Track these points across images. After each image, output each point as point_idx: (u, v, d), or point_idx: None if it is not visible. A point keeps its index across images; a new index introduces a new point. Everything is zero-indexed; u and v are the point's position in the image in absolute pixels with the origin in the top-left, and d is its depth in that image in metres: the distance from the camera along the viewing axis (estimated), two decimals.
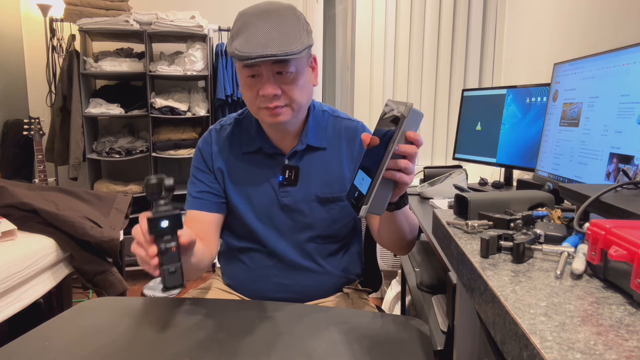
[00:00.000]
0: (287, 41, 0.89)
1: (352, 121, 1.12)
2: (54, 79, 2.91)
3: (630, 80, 0.92)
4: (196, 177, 1.09)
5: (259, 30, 0.89)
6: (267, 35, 0.89)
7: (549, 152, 1.22)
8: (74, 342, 0.78)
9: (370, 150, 0.79)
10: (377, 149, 0.75)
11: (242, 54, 0.87)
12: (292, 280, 1.07)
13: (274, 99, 0.93)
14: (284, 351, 0.75)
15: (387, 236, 1.00)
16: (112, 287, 1.92)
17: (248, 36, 0.89)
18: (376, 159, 0.74)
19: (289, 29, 0.91)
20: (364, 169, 0.79)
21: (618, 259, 0.44)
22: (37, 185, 2.11)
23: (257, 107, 0.96)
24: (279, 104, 0.94)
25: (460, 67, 2.87)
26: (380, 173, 0.72)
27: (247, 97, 0.97)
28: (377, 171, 0.72)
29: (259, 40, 0.88)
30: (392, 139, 0.71)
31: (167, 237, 0.73)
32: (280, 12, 0.92)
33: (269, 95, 0.92)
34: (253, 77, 0.93)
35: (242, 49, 0.88)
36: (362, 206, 0.72)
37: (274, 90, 0.92)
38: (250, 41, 0.88)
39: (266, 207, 1.06)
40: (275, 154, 1.06)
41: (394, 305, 2.30)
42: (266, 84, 0.92)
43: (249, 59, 0.87)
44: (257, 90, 0.93)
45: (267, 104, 0.94)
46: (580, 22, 1.79)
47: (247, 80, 0.94)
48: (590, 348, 0.36)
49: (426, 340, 0.82)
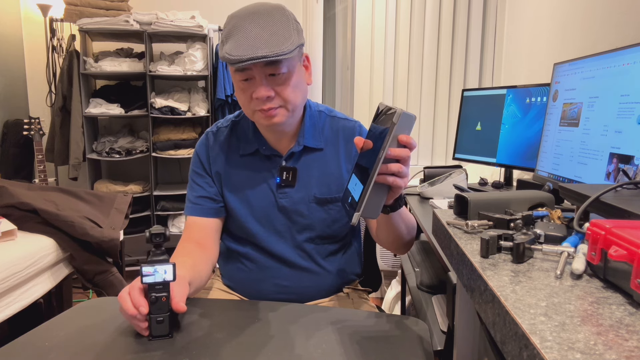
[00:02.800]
0: (277, 41, 0.88)
1: (349, 121, 1.12)
2: (54, 79, 2.91)
3: (630, 80, 0.92)
4: (195, 182, 1.09)
5: (249, 32, 0.89)
6: (256, 37, 0.88)
7: (549, 152, 1.22)
8: (74, 342, 0.78)
9: (363, 154, 0.79)
10: (370, 154, 0.75)
11: (233, 58, 0.87)
12: (292, 281, 1.07)
13: (268, 100, 0.93)
14: (284, 351, 0.75)
15: (385, 237, 1.00)
16: (112, 287, 1.93)
17: (238, 39, 0.89)
18: (368, 164, 0.73)
19: (278, 29, 0.90)
20: (357, 174, 0.78)
21: (618, 259, 0.44)
22: (37, 185, 2.11)
23: (252, 110, 0.96)
24: (273, 105, 0.94)
25: (460, 67, 2.87)
26: (372, 179, 0.71)
27: (242, 101, 0.97)
28: (369, 177, 0.71)
29: (249, 42, 0.88)
30: (382, 146, 0.70)
31: (158, 287, 0.76)
32: (269, 12, 0.92)
33: (262, 97, 0.92)
34: (246, 80, 0.93)
35: (233, 53, 0.88)
36: (355, 213, 0.71)
37: (267, 92, 0.92)
38: (240, 44, 0.88)
39: (264, 209, 1.06)
40: (273, 155, 1.06)
41: (394, 305, 2.30)
42: (259, 86, 0.92)
43: (240, 62, 0.87)
44: (251, 94, 0.94)
45: (262, 106, 0.94)
46: (580, 22, 1.79)
47: (241, 84, 0.94)
48: (590, 348, 0.36)
49: (426, 340, 0.82)
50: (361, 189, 0.72)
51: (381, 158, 0.70)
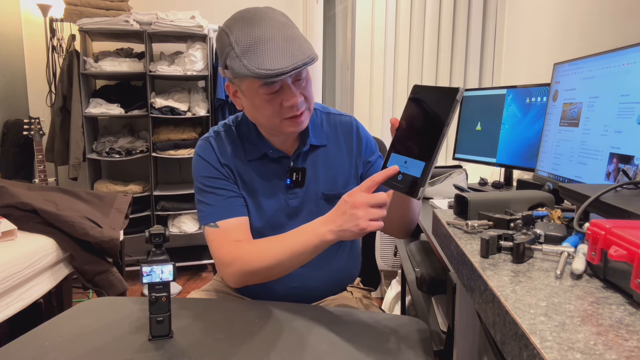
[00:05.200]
0: (303, 46, 0.87)
1: (344, 116, 1.12)
2: (54, 79, 2.91)
3: (630, 80, 0.92)
4: (212, 187, 1.01)
5: (275, 42, 0.85)
6: (287, 46, 0.86)
7: (549, 152, 1.22)
8: (74, 342, 0.78)
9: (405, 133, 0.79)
10: (419, 132, 0.76)
11: (273, 71, 0.83)
12: (300, 282, 1.06)
13: (300, 105, 0.93)
14: (284, 351, 0.75)
15: (399, 217, 0.98)
16: (112, 287, 1.92)
17: (267, 51, 0.85)
18: (424, 141, 0.75)
19: (293, 31, 0.89)
20: (401, 151, 0.78)
21: (618, 259, 0.44)
22: (37, 185, 2.11)
23: (281, 119, 0.94)
24: (302, 109, 0.94)
25: (460, 67, 2.87)
26: (436, 155, 0.73)
27: (268, 112, 0.93)
28: (433, 153, 0.72)
29: (281, 53, 0.84)
30: (446, 122, 0.72)
31: (158, 287, 0.76)
32: (271, 17, 0.89)
33: (296, 104, 0.91)
34: (275, 92, 0.90)
35: (270, 67, 0.83)
36: (420, 188, 0.73)
37: (299, 97, 0.92)
38: (273, 56, 0.84)
39: (275, 212, 1.04)
40: (281, 157, 1.04)
41: (394, 305, 2.30)
42: (291, 94, 0.90)
43: (282, 75, 0.83)
44: (280, 103, 0.91)
45: (294, 112, 0.92)
46: (580, 22, 1.79)
47: (266, 97, 0.91)
48: (590, 348, 0.36)
49: (426, 340, 0.82)
50: (418, 164, 0.74)
51: (445, 134, 0.72)
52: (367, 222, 0.77)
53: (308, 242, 0.84)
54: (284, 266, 0.89)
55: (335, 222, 0.81)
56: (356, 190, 0.79)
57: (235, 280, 0.95)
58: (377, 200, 0.77)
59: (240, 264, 0.92)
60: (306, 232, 0.86)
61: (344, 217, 0.79)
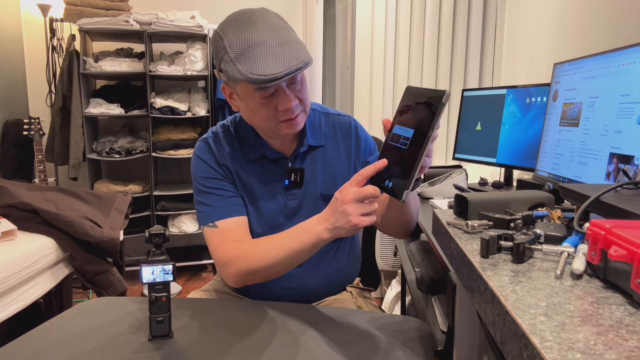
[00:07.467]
0: (298, 49, 0.87)
1: (342, 116, 1.12)
2: (54, 79, 2.91)
3: (630, 80, 0.92)
4: (211, 187, 1.02)
5: (268, 47, 0.85)
6: (280, 50, 0.85)
7: (549, 152, 1.22)
8: (74, 342, 0.78)
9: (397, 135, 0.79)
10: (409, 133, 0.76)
11: (267, 77, 0.83)
12: (299, 282, 1.06)
13: (294, 109, 0.93)
14: (284, 351, 0.75)
15: (397, 219, 0.98)
16: (112, 287, 1.92)
17: (260, 56, 0.84)
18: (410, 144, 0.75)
19: (288, 34, 0.89)
20: (390, 155, 0.78)
21: (618, 259, 0.44)
22: (37, 185, 2.11)
23: (276, 122, 0.94)
24: (297, 112, 0.94)
25: (460, 67, 2.87)
26: (421, 158, 0.73)
27: (263, 116, 0.93)
28: (418, 156, 0.73)
29: (275, 58, 0.84)
30: (431, 125, 0.72)
31: (158, 287, 0.76)
32: (266, 19, 0.89)
33: (291, 107, 0.91)
34: (269, 96, 0.90)
35: (264, 72, 0.83)
36: (405, 191, 0.73)
37: (294, 100, 0.92)
38: (267, 61, 0.84)
39: (274, 213, 1.04)
40: (279, 158, 1.04)
41: (394, 305, 2.30)
42: (285, 97, 0.90)
43: (276, 80, 0.83)
44: (275, 106, 0.91)
45: (289, 115, 0.93)
46: (580, 22, 1.79)
47: (261, 100, 0.91)
48: (590, 348, 0.36)
49: (426, 340, 0.82)
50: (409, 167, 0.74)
51: (430, 137, 0.72)
52: (359, 217, 0.77)
53: (306, 241, 0.85)
54: (283, 265, 0.90)
55: (329, 220, 0.81)
56: (346, 185, 0.79)
57: (235, 280, 0.95)
58: (365, 194, 0.76)
59: (239, 264, 0.92)
60: (304, 230, 0.86)
61: (337, 215, 0.79)
